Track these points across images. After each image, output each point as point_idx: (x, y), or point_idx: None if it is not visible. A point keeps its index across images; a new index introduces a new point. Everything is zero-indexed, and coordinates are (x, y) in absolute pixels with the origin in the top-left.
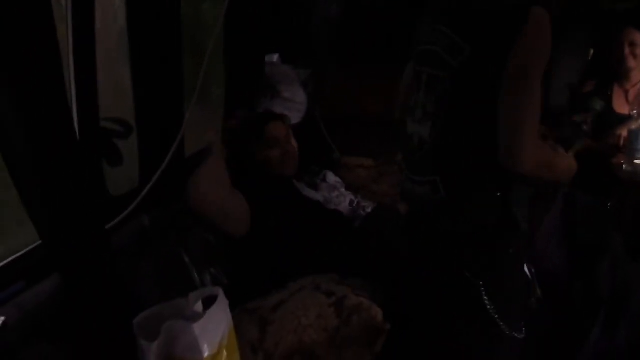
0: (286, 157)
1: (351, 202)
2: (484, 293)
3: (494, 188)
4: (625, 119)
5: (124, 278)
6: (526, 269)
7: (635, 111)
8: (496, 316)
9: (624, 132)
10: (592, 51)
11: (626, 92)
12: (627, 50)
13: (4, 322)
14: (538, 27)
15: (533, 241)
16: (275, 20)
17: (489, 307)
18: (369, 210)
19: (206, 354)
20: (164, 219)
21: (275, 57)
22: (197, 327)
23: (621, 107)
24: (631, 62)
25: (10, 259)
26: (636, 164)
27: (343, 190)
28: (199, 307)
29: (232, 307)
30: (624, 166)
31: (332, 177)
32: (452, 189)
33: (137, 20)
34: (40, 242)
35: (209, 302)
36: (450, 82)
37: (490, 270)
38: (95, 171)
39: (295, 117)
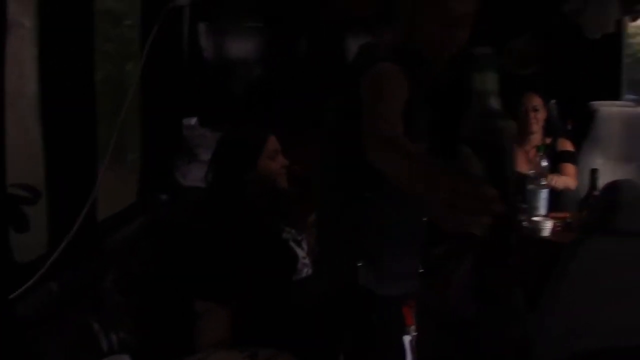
0: (283, 171)
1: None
2: None
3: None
4: (525, 179)
5: (29, 350)
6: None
7: (532, 171)
8: None
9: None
10: None
11: (527, 153)
12: (531, 115)
13: None
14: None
15: (448, 293)
16: (194, 83)
17: None
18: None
19: None
20: (74, 285)
21: (194, 120)
22: None
23: (522, 166)
24: (534, 126)
25: None
26: (534, 220)
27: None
28: None
29: None
30: (524, 223)
31: None
32: None
33: (49, 83)
34: None
35: None
36: None
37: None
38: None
39: None
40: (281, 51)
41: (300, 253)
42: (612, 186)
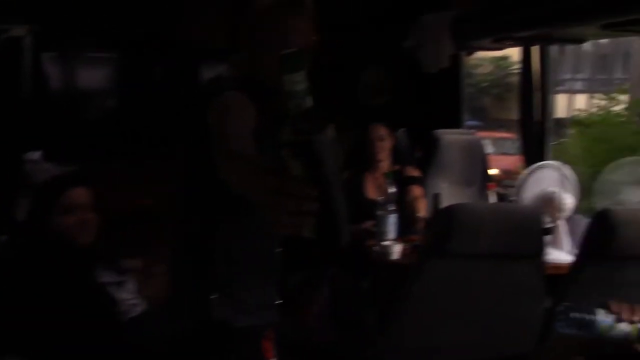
0: (83, 226)
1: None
2: None
3: None
4: (375, 205)
5: None
6: None
7: (381, 197)
8: None
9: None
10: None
11: (376, 180)
12: (376, 144)
13: None
14: None
15: (307, 321)
16: (38, 115)
17: None
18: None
19: None
20: None
21: (37, 155)
22: None
23: (372, 193)
24: (380, 154)
25: None
26: (384, 245)
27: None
28: None
29: None
30: (374, 247)
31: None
32: None
33: None
34: None
35: None
36: None
37: None
38: None
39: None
40: (132, 81)
41: (124, 295)
42: (447, 211)
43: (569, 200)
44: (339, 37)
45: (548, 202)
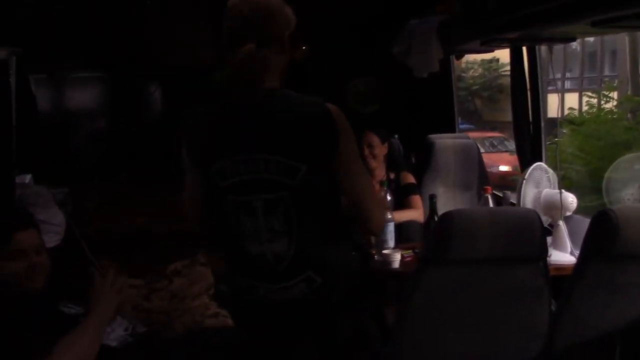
0: (33, 271)
1: (126, 328)
2: None
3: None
4: None
5: None
6: None
7: None
8: None
9: None
10: None
11: None
12: (366, 152)
13: None
14: (345, 126)
15: None
16: (27, 137)
17: None
18: (142, 330)
19: None
20: None
21: (28, 178)
22: None
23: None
24: (372, 162)
25: None
26: (384, 254)
27: (118, 317)
28: None
29: None
30: (375, 256)
31: None
32: (324, 274)
33: None
34: None
35: None
36: (289, 200)
37: None
38: None
39: (52, 240)
40: (122, 100)
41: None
42: (444, 217)
43: (569, 200)
44: (327, 46)
45: (548, 203)
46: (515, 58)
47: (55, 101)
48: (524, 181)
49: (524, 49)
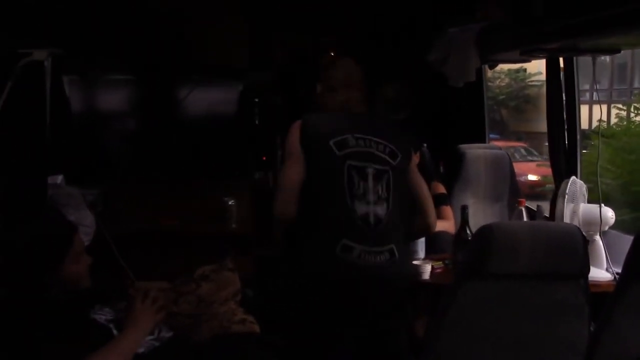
0: (87, 270)
1: (152, 332)
2: None
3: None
4: None
5: None
6: None
7: None
8: None
9: None
10: None
11: None
12: None
13: None
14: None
15: None
16: (59, 138)
17: None
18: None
19: None
20: None
21: (59, 179)
22: None
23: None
24: None
25: None
26: (414, 264)
27: None
28: None
29: None
30: None
31: None
32: (400, 252)
33: None
34: None
35: None
36: (392, 175)
37: None
38: None
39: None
40: (155, 101)
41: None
42: (484, 230)
43: (609, 215)
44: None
45: (586, 217)
46: (552, 69)
47: (88, 102)
48: (560, 194)
49: (561, 59)
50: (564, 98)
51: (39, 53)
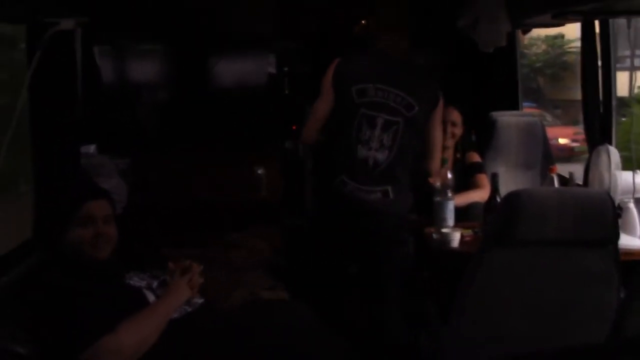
0: (99, 240)
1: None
2: None
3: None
4: (433, 191)
5: None
6: None
7: (439, 184)
8: None
9: None
10: None
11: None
12: (448, 129)
13: None
14: (440, 97)
15: None
16: (91, 108)
17: None
18: (200, 301)
19: None
20: None
21: (92, 148)
22: None
23: (433, 180)
24: (449, 141)
25: None
26: (443, 232)
27: None
28: None
29: None
30: (433, 235)
31: None
32: (395, 194)
33: None
34: None
35: None
36: (402, 126)
37: None
38: None
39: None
40: (186, 72)
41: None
42: (511, 197)
43: None
44: (387, 18)
45: (619, 184)
46: (587, 33)
47: (119, 72)
48: (593, 162)
49: (597, 23)
50: (600, 63)
51: (66, 22)
